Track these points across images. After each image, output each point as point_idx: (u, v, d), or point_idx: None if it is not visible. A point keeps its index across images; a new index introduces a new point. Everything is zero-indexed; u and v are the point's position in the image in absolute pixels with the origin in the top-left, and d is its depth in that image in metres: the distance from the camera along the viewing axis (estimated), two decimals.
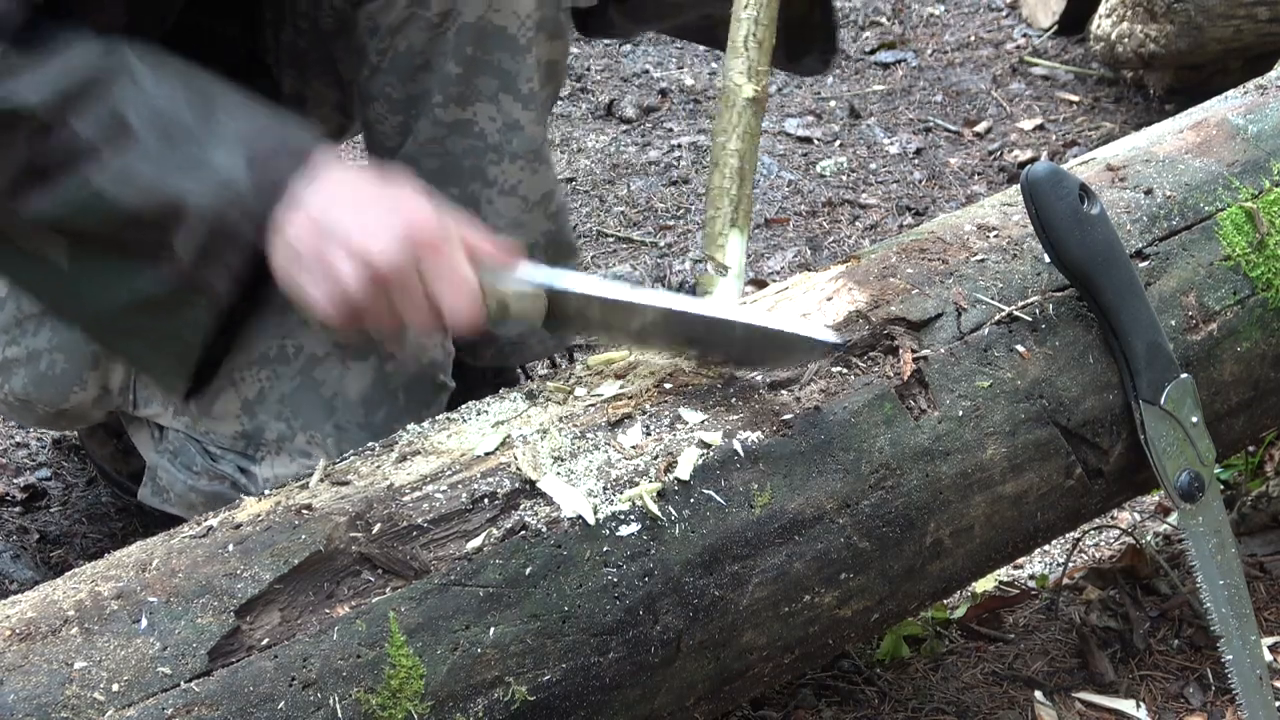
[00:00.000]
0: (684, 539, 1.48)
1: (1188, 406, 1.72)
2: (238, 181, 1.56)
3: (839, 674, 1.99)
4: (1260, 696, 1.77)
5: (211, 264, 1.59)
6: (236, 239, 1.57)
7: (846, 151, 3.74)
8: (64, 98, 1.57)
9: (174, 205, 1.57)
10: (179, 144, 1.58)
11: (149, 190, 1.57)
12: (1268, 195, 1.86)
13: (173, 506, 1.94)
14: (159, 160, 1.57)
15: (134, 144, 1.57)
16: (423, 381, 1.84)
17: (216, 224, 1.57)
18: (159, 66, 1.62)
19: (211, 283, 1.60)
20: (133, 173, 1.57)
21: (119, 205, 1.58)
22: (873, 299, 1.68)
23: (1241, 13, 3.58)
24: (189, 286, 1.61)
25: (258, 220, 1.56)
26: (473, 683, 1.39)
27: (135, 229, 1.59)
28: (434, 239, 1.51)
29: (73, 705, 1.26)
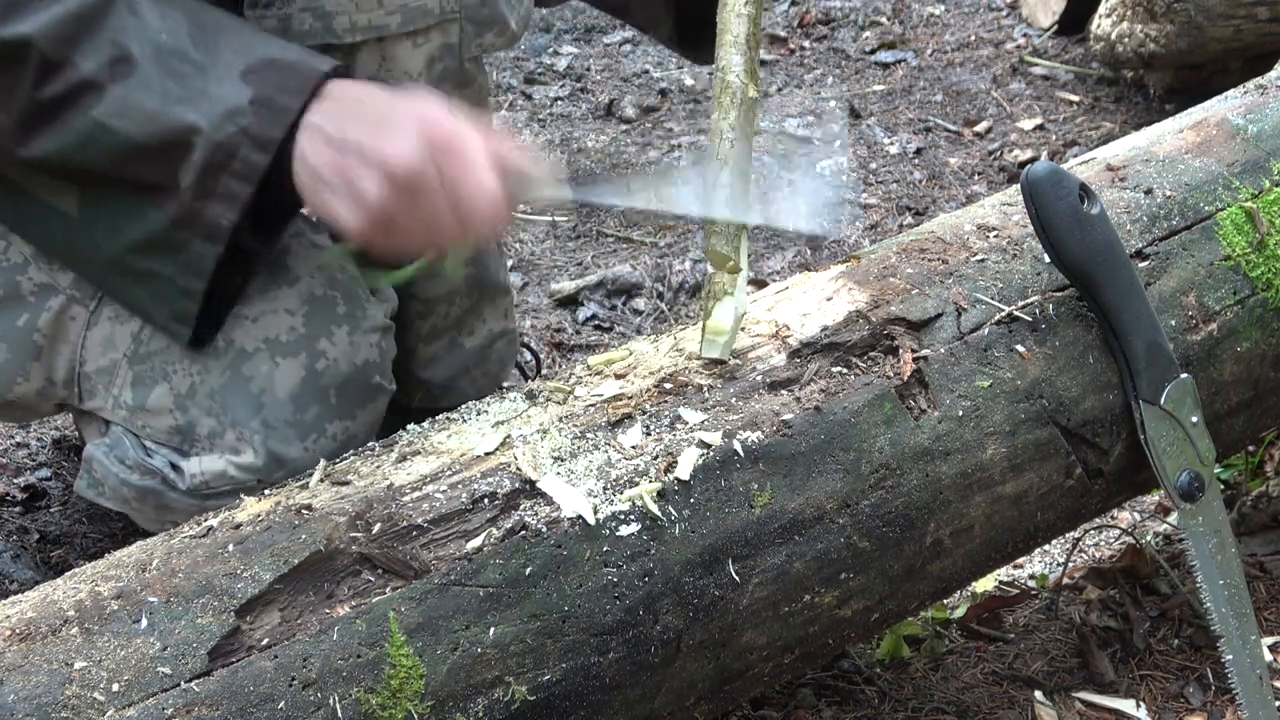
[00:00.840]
0: (684, 539, 1.48)
1: (1188, 406, 1.72)
2: (241, 109, 1.57)
3: (839, 674, 1.99)
4: (1260, 696, 1.77)
5: (216, 195, 1.60)
6: (245, 168, 1.58)
7: (846, 151, 3.74)
8: (64, 29, 1.57)
9: (178, 135, 1.57)
10: (181, 73, 1.58)
11: (152, 120, 1.58)
12: (1268, 195, 1.86)
13: (106, 500, 1.93)
14: (162, 90, 1.58)
15: (136, 74, 1.58)
16: (357, 381, 1.82)
17: (220, 152, 1.57)
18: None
19: (216, 217, 1.61)
20: (135, 103, 1.58)
21: (123, 137, 1.58)
22: (873, 299, 1.68)
23: (1241, 12, 3.59)
24: (190, 222, 1.62)
25: (266, 147, 1.57)
26: (473, 683, 1.39)
27: (140, 162, 1.60)
28: (451, 140, 1.52)
29: (73, 705, 1.26)
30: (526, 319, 3.05)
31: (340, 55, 1.76)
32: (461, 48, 1.85)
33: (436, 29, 1.82)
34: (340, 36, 1.77)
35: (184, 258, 1.66)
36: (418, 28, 1.80)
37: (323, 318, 1.81)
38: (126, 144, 1.59)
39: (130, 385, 1.86)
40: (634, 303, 3.14)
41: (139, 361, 1.84)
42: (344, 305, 1.82)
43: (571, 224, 3.39)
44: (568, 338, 3.00)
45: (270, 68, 1.59)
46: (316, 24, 1.76)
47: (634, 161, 3.65)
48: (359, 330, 1.83)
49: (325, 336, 1.81)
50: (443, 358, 2.12)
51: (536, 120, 3.90)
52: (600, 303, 3.13)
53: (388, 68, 1.80)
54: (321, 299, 1.81)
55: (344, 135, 1.54)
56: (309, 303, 1.81)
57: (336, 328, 1.81)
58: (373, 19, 1.77)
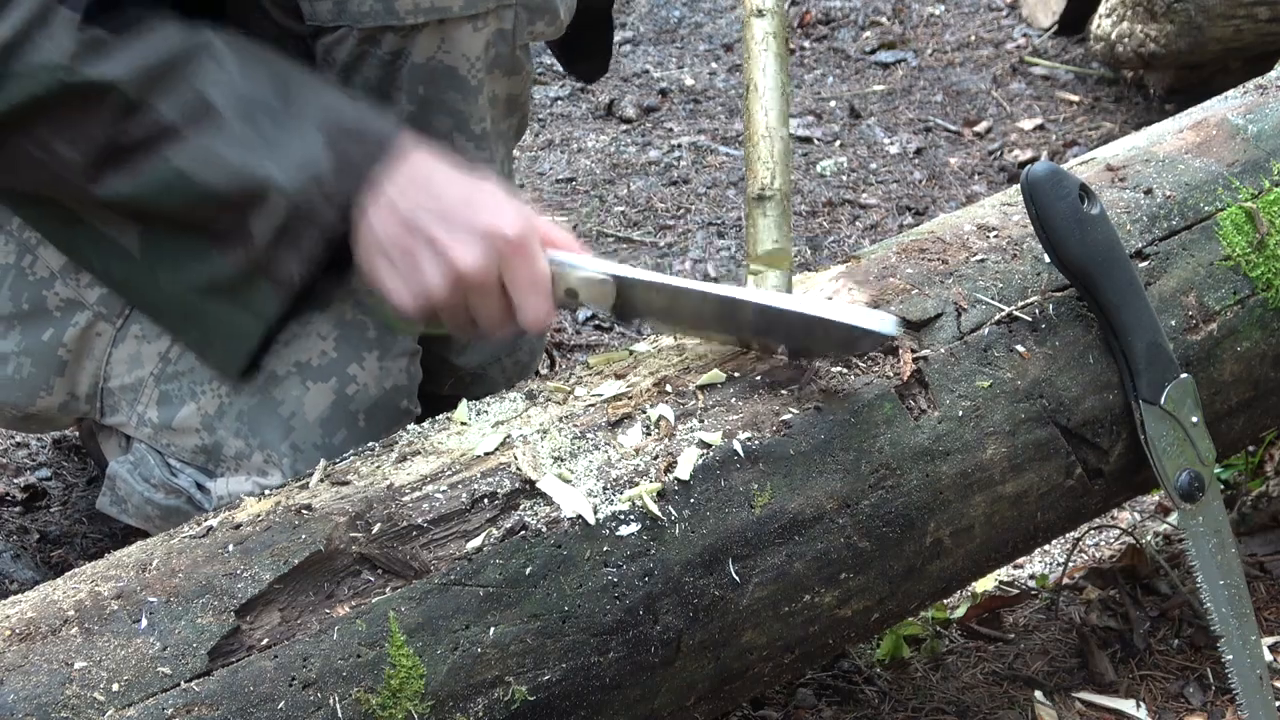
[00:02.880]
0: (684, 539, 1.48)
1: (1188, 406, 1.72)
2: (319, 164, 1.58)
3: (839, 674, 1.99)
4: (1260, 696, 1.77)
5: (287, 247, 1.61)
6: (315, 222, 1.60)
7: (846, 151, 3.74)
8: (149, 75, 1.58)
9: (256, 186, 1.59)
10: (261, 126, 1.60)
11: (231, 171, 1.59)
12: (1268, 195, 1.86)
13: (129, 517, 1.93)
14: (242, 141, 1.59)
15: (217, 124, 1.59)
16: (385, 406, 1.83)
17: (296, 206, 1.59)
18: (240, 49, 1.64)
19: (284, 267, 1.63)
20: (215, 153, 1.59)
21: (200, 185, 1.60)
22: (873, 299, 1.68)
23: (1241, 12, 3.58)
24: (260, 270, 1.64)
25: (338, 204, 1.58)
26: (473, 682, 1.39)
27: (214, 210, 1.62)
28: (517, 242, 1.54)
29: (73, 705, 1.26)
30: None
31: (400, 36, 1.77)
32: (515, 34, 1.85)
33: (494, 14, 1.81)
34: (402, 18, 1.76)
35: (252, 301, 1.68)
36: (478, 11, 1.79)
37: (354, 343, 1.82)
38: (203, 192, 1.60)
39: (156, 403, 1.86)
40: None
41: (166, 380, 1.85)
42: (374, 330, 1.83)
43: (572, 224, 3.39)
44: (568, 338, 3.00)
45: (347, 125, 1.60)
46: (377, 5, 1.75)
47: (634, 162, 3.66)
48: (389, 355, 1.84)
49: (356, 362, 1.82)
50: (475, 345, 2.12)
51: (536, 120, 3.89)
52: None
53: (446, 49, 1.80)
54: (353, 324, 1.83)
55: (416, 219, 1.56)
56: (340, 327, 1.82)
57: (367, 353, 1.82)
58: (435, 0, 1.77)
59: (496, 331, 1.60)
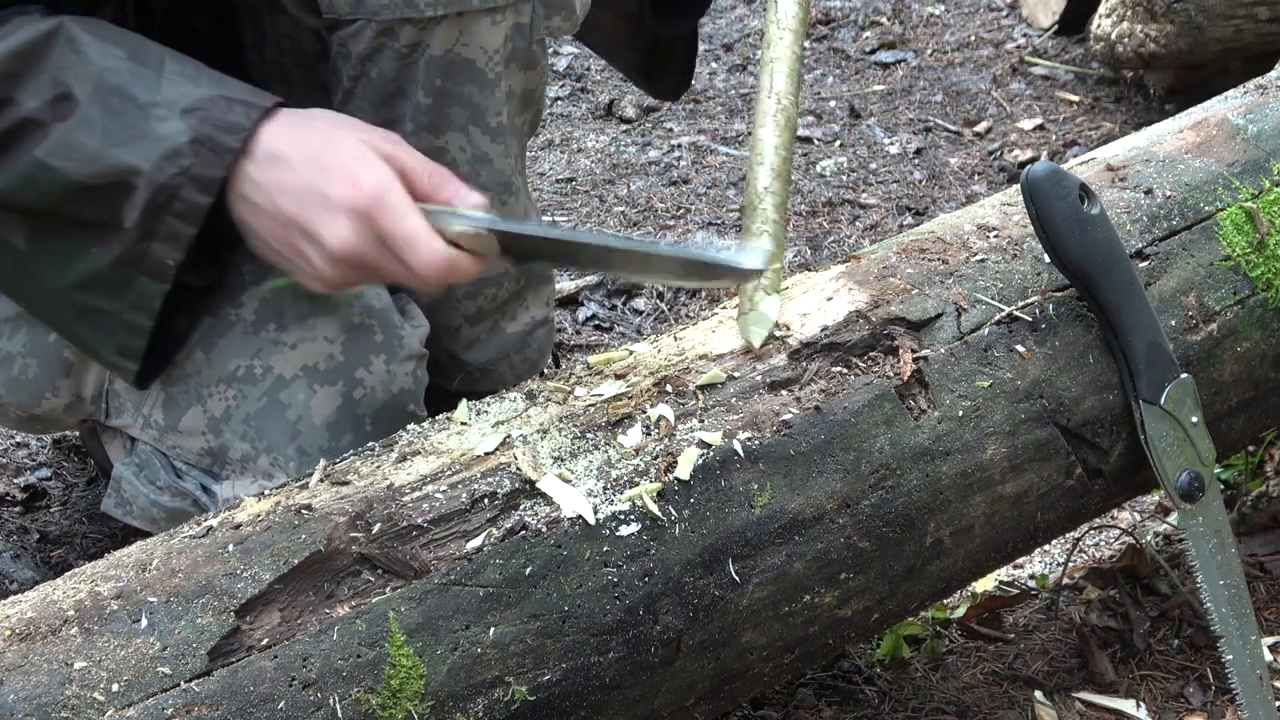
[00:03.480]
0: (684, 539, 1.48)
1: (1188, 406, 1.72)
2: (181, 149, 1.57)
3: (839, 674, 1.99)
4: (1260, 696, 1.77)
5: (159, 235, 1.60)
6: (187, 209, 1.59)
7: (846, 151, 3.74)
8: (4, 69, 1.57)
9: (119, 175, 1.58)
10: (122, 112, 1.59)
11: (93, 160, 1.58)
12: (1268, 195, 1.86)
13: (135, 519, 1.93)
14: (103, 129, 1.58)
15: (77, 113, 1.58)
16: (392, 410, 1.83)
17: (162, 194, 1.58)
18: (102, 34, 1.62)
19: (159, 256, 1.62)
20: (77, 143, 1.58)
21: (64, 177, 1.59)
22: (873, 299, 1.68)
23: (1241, 12, 3.58)
24: (136, 261, 1.62)
25: (207, 188, 1.58)
26: (473, 683, 1.39)
27: (82, 201, 1.60)
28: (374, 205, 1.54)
29: (73, 705, 1.26)
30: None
31: (418, 29, 1.77)
32: (532, 28, 1.85)
33: (512, 8, 1.81)
34: (421, 10, 1.76)
35: (131, 295, 1.66)
36: (497, 4, 1.79)
37: (361, 346, 1.82)
38: (68, 184, 1.59)
39: (162, 406, 1.86)
40: (634, 303, 3.14)
41: (172, 383, 1.84)
42: (381, 334, 1.83)
43: (571, 224, 3.39)
44: (568, 338, 3.00)
45: (210, 105, 1.59)
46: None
47: (634, 162, 3.65)
48: (396, 359, 1.83)
49: (363, 365, 1.81)
50: (485, 341, 2.12)
51: None
52: (600, 303, 3.13)
53: (465, 42, 1.80)
54: (360, 327, 1.82)
55: (279, 207, 1.57)
56: (347, 331, 1.82)
57: (374, 356, 1.82)
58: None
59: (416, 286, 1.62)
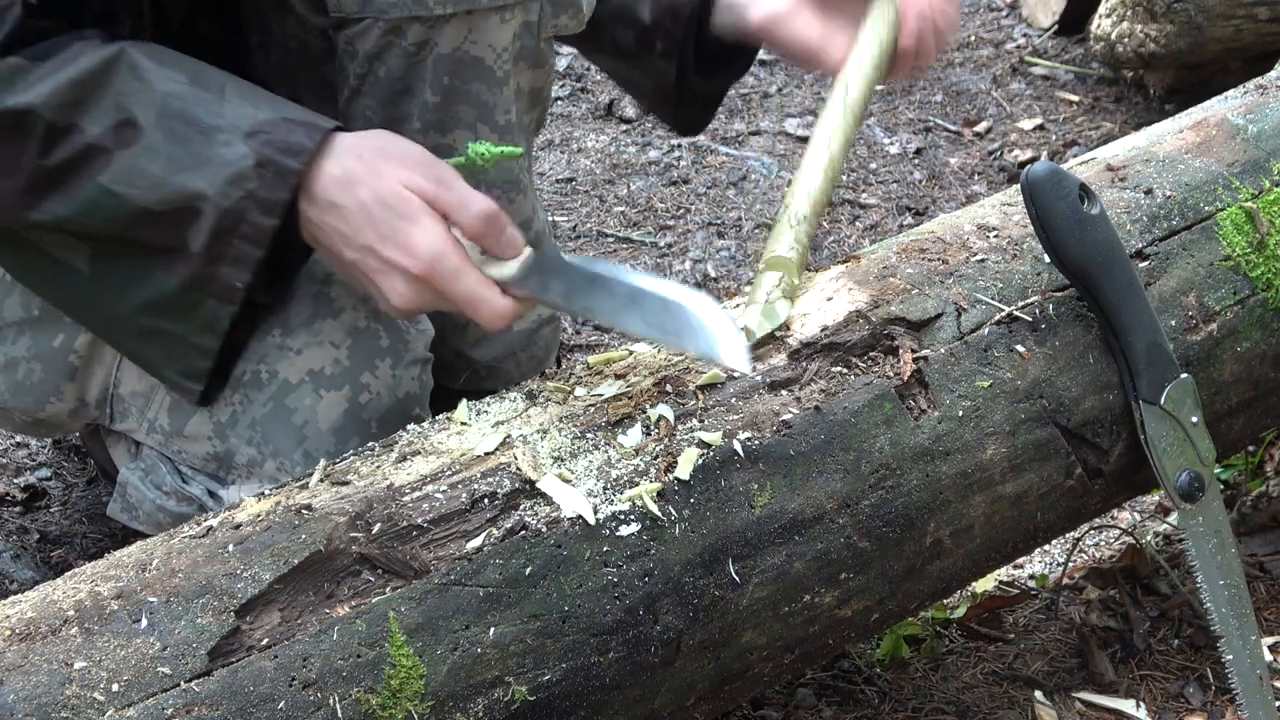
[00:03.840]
0: (684, 539, 1.48)
1: (1188, 407, 1.72)
2: (246, 173, 1.58)
3: (839, 674, 1.99)
4: (1261, 697, 1.77)
5: (226, 259, 1.62)
6: (254, 232, 1.60)
7: None
8: (68, 96, 1.58)
9: (185, 200, 1.59)
10: (186, 138, 1.60)
11: (159, 187, 1.59)
12: (1268, 195, 1.86)
13: (140, 524, 1.93)
14: (167, 155, 1.59)
15: (141, 140, 1.59)
16: (398, 414, 1.83)
17: (228, 218, 1.59)
18: (163, 60, 1.63)
19: (228, 279, 1.63)
20: (141, 169, 1.59)
21: (130, 203, 1.60)
22: (873, 299, 1.68)
23: (1241, 12, 3.59)
24: (203, 285, 1.64)
25: (272, 211, 1.59)
26: (473, 683, 1.39)
27: (148, 227, 1.62)
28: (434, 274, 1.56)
29: (73, 705, 1.26)
30: None
31: (426, 27, 1.77)
32: (540, 27, 1.85)
33: (521, 6, 1.81)
34: (430, 8, 1.76)
35: (199, 318, 1.68)
36: (506, 3, 1.80)
37: (366, 351, 1.82)
38: (133, 210, 1.60)
39: (167, 410, 1.86)
40: None
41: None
42: (387, 338, 1.83)
43: (572, 224, 3.39)
44: (568, 338, 3.00)
45: (272, 128, 1.60)
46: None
47: (634, 162, 3.65)
48: (401, 363, 1.83)
49: (369, 370, 1.82)
50: (491, 338, 2.12)
51: None
52: None
53: (473, 40, 1.80)
54: (365, 331, 1.82)
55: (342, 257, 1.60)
56: (353, 335, 1.82)
57: (380, 361, 1.82)
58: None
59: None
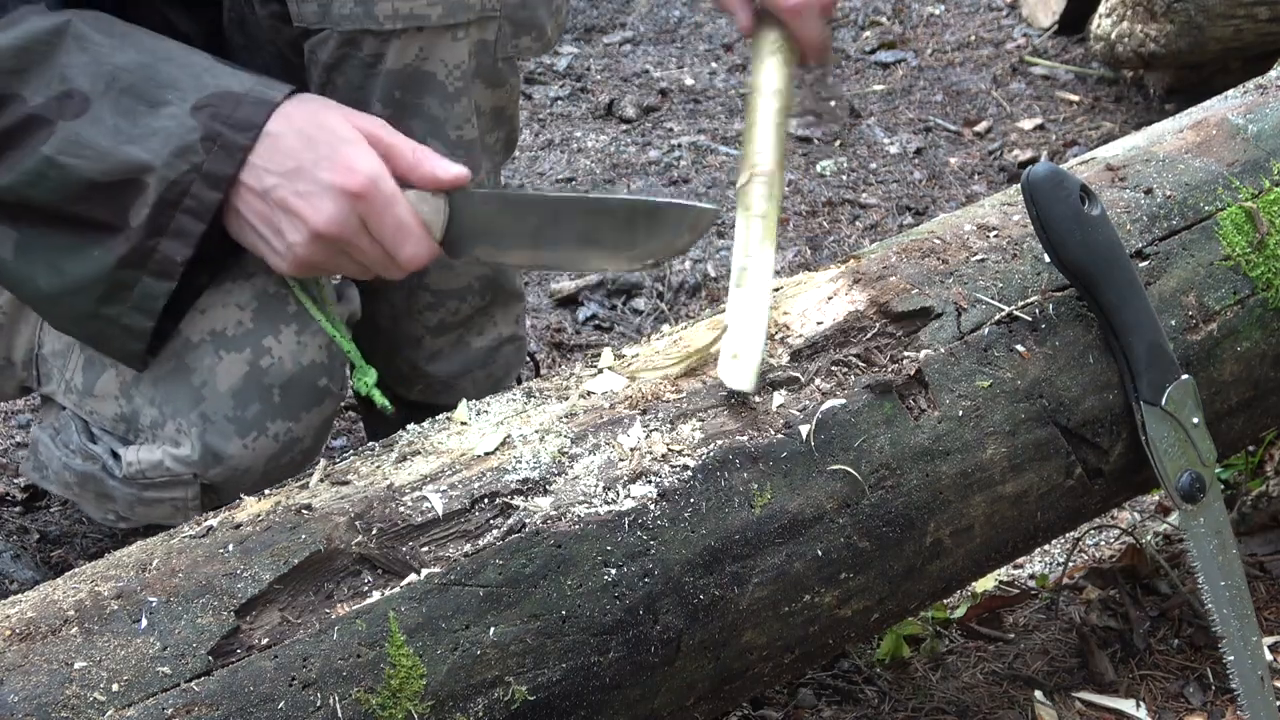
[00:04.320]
0: (684, 539, 1.48)
1: (1189, 407, 1.72)
2: (193, 146, 1.58)
3: (839, 674, 1.99)
4: (1262, 697, 1.77)
5: (169, 232, 1.61)
6: (197, 205, 1.59)
7: (846, 151, 3.75)
8: (9, 62, 1.57)
9: (130, 172, 1.58)
10: (133, 111, 1.59)
11: (104, 157, 1.58)
12: (1268, 195, 1.86)
13: (50, 484, 1.93)
14: (113, 127, 1.58)
15: (86, 111, 1.58)
16: (302, 383, 1.81)
17: (173, 190, 1.59)
18: (110, 31, 1.62)
19: (170, 254, 1.62)
20: (86, 140, 1.58)
21: (74, 174, 1.59)
22: (872, 299, 1.68)
23: (1241, 12, 3.59)
24: (141, 260, 1.62)
25: (218, 184, 1.59)
26: (473, 682, 1.39)
27: (90, 199, 1.60)
28: (365, 194, 1.58)
29: (73, 705, 1.26)
30: (526, 319, 3.05)
31: (380, 40, 1.78)
32: (497, 46, 1.85)
33: (475, 25, 1.82)
34: (380, 23, 1.77)
35: (132, 298, 1.66)
36: (458, 21, 1.80)
37: (272, 315, 1.80)
38: (78, 181, 1.59)
39: (81, 369, 1.86)
40: (634, 303, 3.14)
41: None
42: (295, 305, 1.81)
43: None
44: (568, 338, 3.00)
45: (220, 102, 1.60)
46: (358, 9, 1.76)
47: (634, 162, 3.65)
48: (308, 331, 1.82)
49: (272, 334, 1.80)
50: (448, 353, 2.12)
51: (536, 120, 3.89)
52: (600, 303, 3.13)
53: (424, 56, 1.81)
54: (274, 296, 1.81)
55: (269, 188, 1.59)
56: (260, 299, 1.80)
57: (285, 326, 1.80)
58: (414, 8, 1.78)
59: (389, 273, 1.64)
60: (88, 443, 1.87)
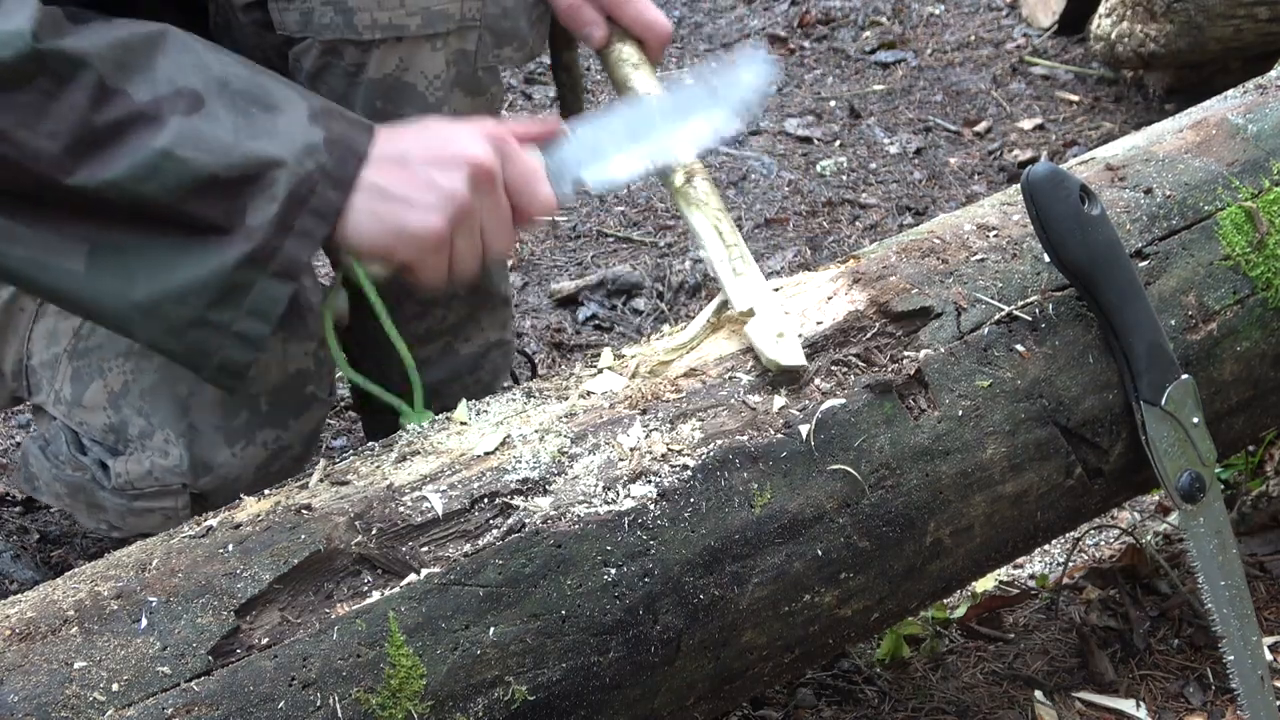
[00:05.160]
0: (684, 539, 1.48)
1: (1189, 407, 1.72)
2: (317, 147, 1.54)
3: (839, 674, 1.99)
4: (1262, 697, 1.77)
5: (295, 232, 1.54)
6: (323, 206, 1.55)
7: (846, 151, 3.75)
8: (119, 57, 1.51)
9: (258, 166, 1.52)
10: (247, 111, 1.55)
11: (228, 152, 1.52)
12: (1267, 195, 1.86)
13: (42, 495, 1.92)
14: (233, 124, 1.54)
15: (201, 108, 1.53)
16: (290, 391, 1.80)
17: (303, 187, 1.53)
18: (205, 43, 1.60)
19: (293, 253, 1.54)
20: (208, 134, 1.52)
21: (195, 167, 1.51)
22: (873, 299, 1.68)
23: (1241, 12, 3.59)
24: (265, 260, 1.54)
25: (342, 186, 1.55)
26: (473, 682, 1.39)
27: (206, 196, 1.52)
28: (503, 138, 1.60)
29: (73, 705, 1.26)
30: (526, 319, 3.05)
31: (360, 50, 1.77)
32: (477, 56, 1.85)
33: (455, 35, 1.81)
34: (360, 33, 1.76)
35: (248, 301, 1.55)
36: (437, 31, 1.80)
37: None
38: (197, 175, 1.51)
39: (69, 380, 1.85)
40: (634, 303, 3.14)
41: (78, 356, 1.83)
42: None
43: (571, 224, 3.39)
44: (568, 338, 3.00)
45: (332, 114, 1.58)
46: (338, 18, 1.76)
47: None
48: (295, 339, 1.81)
49: None
50: (436, 361, 2.12)
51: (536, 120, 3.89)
52: (600, 303, 3.13)
53: (404, 66, 1.81)
54: None
55: (409, 152, 1.58)
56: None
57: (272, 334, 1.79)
58: (393, 18, 1.77)
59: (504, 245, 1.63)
60: (77, 454, 1.87)
